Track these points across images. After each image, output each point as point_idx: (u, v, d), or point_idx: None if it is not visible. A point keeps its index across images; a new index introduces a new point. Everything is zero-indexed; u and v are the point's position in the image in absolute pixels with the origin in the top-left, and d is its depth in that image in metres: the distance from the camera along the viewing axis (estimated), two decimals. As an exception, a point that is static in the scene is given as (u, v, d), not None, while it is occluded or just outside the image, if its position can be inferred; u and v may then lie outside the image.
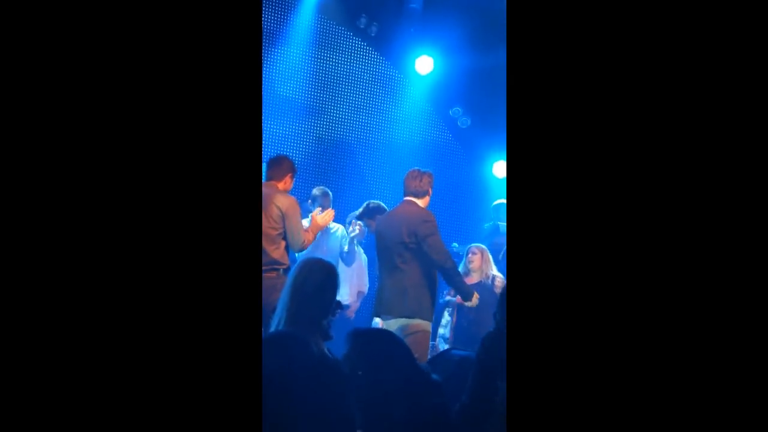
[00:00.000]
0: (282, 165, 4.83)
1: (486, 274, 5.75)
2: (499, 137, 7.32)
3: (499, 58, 6.90)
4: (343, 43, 7.57)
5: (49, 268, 1.89)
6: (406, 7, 7.22)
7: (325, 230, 5.58)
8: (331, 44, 7.51)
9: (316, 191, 5.98)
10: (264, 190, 4.67)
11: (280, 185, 4.76)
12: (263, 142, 6.68)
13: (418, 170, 4.89)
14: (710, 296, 1.87)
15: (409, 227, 4.58)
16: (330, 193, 5.97)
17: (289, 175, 4.82)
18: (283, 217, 4.59)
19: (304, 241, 4.65)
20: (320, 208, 5.15)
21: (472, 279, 5.68)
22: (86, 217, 1.92)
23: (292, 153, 7.12)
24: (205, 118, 2.01)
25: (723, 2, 1.95)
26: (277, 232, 4.59)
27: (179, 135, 1.99)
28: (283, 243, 4.63)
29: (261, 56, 2.19)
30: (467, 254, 5.90)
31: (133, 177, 1.95)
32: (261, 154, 2.16)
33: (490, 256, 5.91)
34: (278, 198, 4.63)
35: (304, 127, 7.36)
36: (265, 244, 4.52)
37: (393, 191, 6.15)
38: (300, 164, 7.11)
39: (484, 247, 5.99)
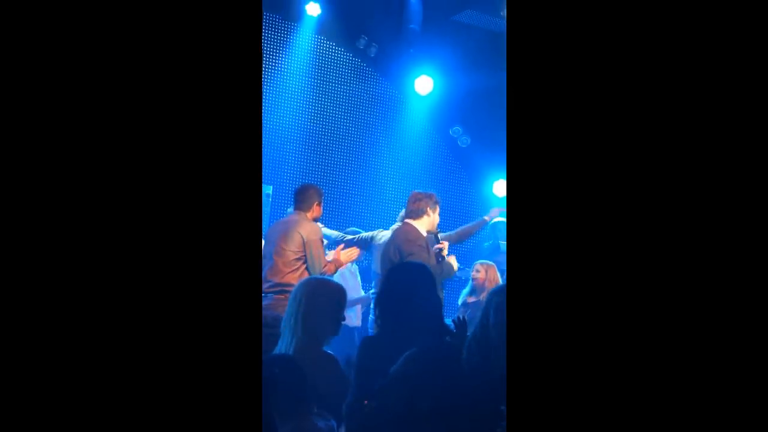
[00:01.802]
0: (308, 193, 4.94)
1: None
2: (500, 156, 7.33)
3: (498, 77, 6.93)
4: (342, 64, 7.61)
5: (46, 272, 1.89)
6: (406, 27, 7.27)
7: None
8: (330, 65, 7.55)
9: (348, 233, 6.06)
10: (292, 217, 4.91)
11: (309, 215, 4.88)
12: (264, 164, 6.71)
13: (418, 193, 5.02)
14: (710, 298, 1.87)
15: (395, 246, 4.81)
16: (361, 232, 6.03)
17: (317, 202, 4.93)
18: (305, 244, 4.69)
19: (324, 272, 4.73)
20: (343, 245, 5.27)
21: (477, 298, 5.65)
22: (86, 222, 1.93)
23: (292, 174, 7.14)
24: (204, 141, 2.01)
25: (723, 2, 1.95)
26: (296, 257, 4.71)
27: (178, 158, 1.99)
28: (302, 268, 4.73)
29: (261, 79, 2.20)
30: (471, 271, 5.89)
31: (135, 188, 1.95)
32: (261, 173, 2.16)
33: (498, 274, 5.85)
34: (303, 225, 4.78)
35: (305, 148, 7.38)
36: (282, 266, 4.68)
37: (394, 211, 6.15)
38: (298, 185, 7.13)
39: (490, 263, 5.94)
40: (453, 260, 4.95)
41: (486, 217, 5.84)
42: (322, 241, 4.89)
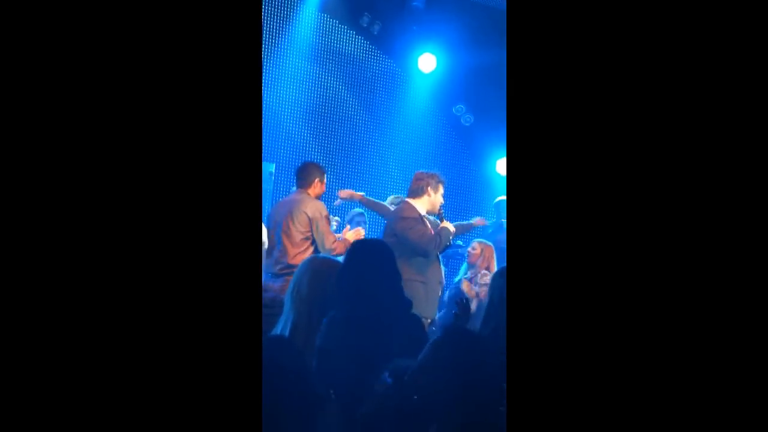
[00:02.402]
0: (308, 171, 4.95)
1: (487, 270, 5.64)
2: (503, 135, 7.29)
3: (501, 55, 6.87)
4: (345, 42, 7.57)
5: (45, 272, 1.89)
6: (409, 5, 7.23)
7: None
8: (333, 43, 7.51)
9: (354, 213, 6.06)
10: (295, 196, 4.88)
11: (311, 191, 4.89)
12: (267, 142, 6.71)
13: (421, 172, 5.01)
14: (710, 296, 1.87)
15: (390, 226, 4.85)
16: (365, 214, 6.04)
17: (317, 179, 4.93)
18: (311, 222, 4.70)
19: (333, 249, 4.74)
20: (348, 226, 5.33)
21: (471, 275, 5.66)
22: (86, 221, 1.93)
23: (295, 152, 7.13)
24: (203, 118, 2.00)
25: (723, 2, 1.95)
26: (303, 236, 4.72)
27: (177, 136, 1.99)
28: (311, 248, 4.74)
29: (261, 55, 2.19)
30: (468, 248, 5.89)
31: (135, 182, 1.95)
32: (261, 154, 2.16)
33: (493, 253, 5.85)
34: (307, 204, 4.77)
35: (308, 126, 7.37)
36: (290, 247, 4.68)
37: (397, 190, 6.16)
38: (304, 161, 7.12)
39: (487, 243, 5.94)
40: (448, 224, 4.95)
41: (473, 222, 5.83)
42: (329, 219, 4.89)
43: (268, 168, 6.65)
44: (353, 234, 4.97)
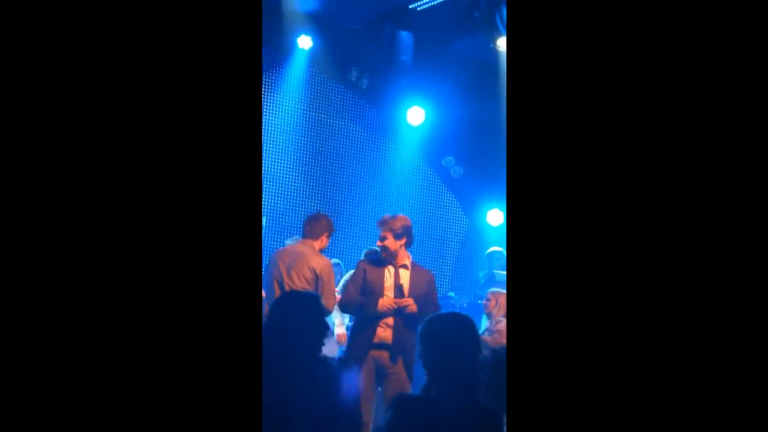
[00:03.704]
0: (320, 222, 4.81)
1: (503, 318, 5.57)
2: (492, 186, 7.40)
3: (490, 107, 7.00)
4: (334, 96, 7.66)
5: (44, 272, 1.88)
6: (397, 59, 7.33)
7: None
8: (322, 97, 7.59)
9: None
10: (299, 247, 4.74)
11: (316, 244, 4.76)
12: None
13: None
14: (708, 305, 1.87)
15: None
16: (341, 264, 6.00)
17: (326, 233, 4.81)
18: (317, 279, 4.59)
19: (332, 308, 4.69)
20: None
21: (489, 325, 5.59)
22: (88, 226, 1.93)
23: (287, 202, 7.12)
24: (205, 171, 2.03)
25: (722, 3, 1.97)
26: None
27: (181, 184, 1.99)
28: None
29: (261, 107, 2.22)
30: (483, 300, 5.84)
31: (141, 216, 1.96)
32: (261, 205, 2.16)
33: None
34: (314, 258, 4.64)
35: (298, 179, 7.38)
36: None
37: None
38: (295, 215, 7.12)
39: (500, 291, 5.89)
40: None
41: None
42: (334, 276, 4.77)
43: (261, 219, 6.63)
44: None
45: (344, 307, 4.53)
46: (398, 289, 4.36)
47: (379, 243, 4.41)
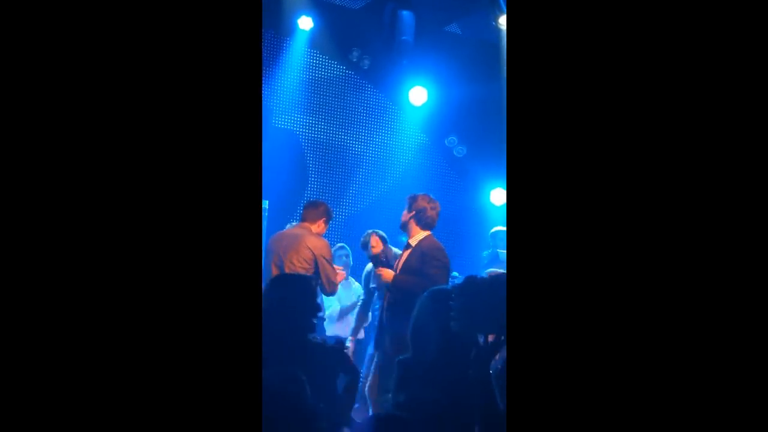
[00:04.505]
0: (318, 209, 4.95)
1: None
2: (496, 165, 7.37)
3: (492, 86, 6.96)
4: (336, 77, 7.63)
5: (44, 271, 1.88)
6: (398, 39, 7.29)
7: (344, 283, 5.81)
8: (324, 78, 7.56)
9: (336, 247, 6.14)
10: (297, 230, 4.87)
11: (314, 228, 4.87)
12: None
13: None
14: (708, 306, 1.86)
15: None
16: (347, 247, 6.12)
17: (323, 219, 4.93)
18: (315, 258, 4.68)
19: (336, 285, 4.78)
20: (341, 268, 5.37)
21: None
22: (85, 217, 1.93)
23: (288, 185, 7.13)
24: (205, 152, 2.02)
25: (722, 3, 1.95)
26: (305, 272, 4.67)
27: (179, 167, 2.00)
28: None
29: (261, 90, 2.22)
30: None
31: (136, 201, 1.96)
32: (261, 190, 2.17)
33: None
34: (311, 239, 4.75)
35: (300, 161, 7.38)
36: None
37: (390, 222, 6.13)
38: (296, 198, 7.12)
39: (496, 271, 5.90)
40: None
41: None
42: (331, 256, 4.89)
43: (261, 204, 6.64)
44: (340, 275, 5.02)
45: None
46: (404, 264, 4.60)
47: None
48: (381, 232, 5.18)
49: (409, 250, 4.60)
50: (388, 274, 4.52)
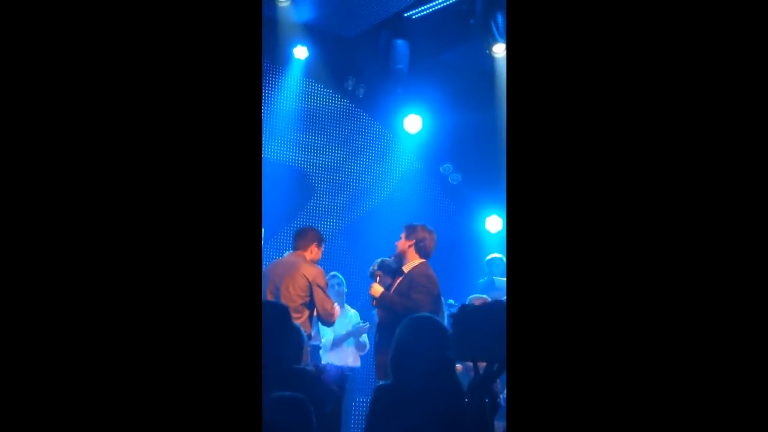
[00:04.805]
0: (307, 235, 5.00)
1: None
2: (491, 192, 7.39)
3: (487, 114, 7.00)
4: (331, 105, 7.66)
5: (43, 272, 1.89)
6: (393, 68, 7.34)
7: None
8: (319, 107, 7.60)
9: (330, 276, 6.08)
10: (291, 258, 4.92)
11: (307, 255, 4.91)
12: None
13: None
14: (708, 304, 1.86)
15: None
16: (339, 276, 6.09)
17: (315, 244, 4.97)
18: (310, 286, 4.70)
19: (332, 313, 4.76)
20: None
21: None
22: (87, 234, 1.94)
23: (284, 213, 7.12)
24: (206, 180, 2.04)
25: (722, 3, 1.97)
26: (302, 301, 4.71)
27: (182, 192, 2.00)
28: (307, 312, 4.73)
29: (261, 119, 2.24)
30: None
31: (144, 227, 1.97)
32: (260, 217, 2.18)
33: None
34: (306, 268, 4.79)
35: (295, 188, 7.38)
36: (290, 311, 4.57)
37: (386, 249, 6.12)
38: (292, 226, 7.11)
39: (481, 297, 5.88)
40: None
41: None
42: (326, 284, 4.91)
43: (261, 229, 6.63)
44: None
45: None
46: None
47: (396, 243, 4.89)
48: (389, 260, 5.21)
49: (401, 277, 4.77)
50: (377, 290, 4.71)
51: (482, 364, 2.42)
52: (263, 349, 2.57)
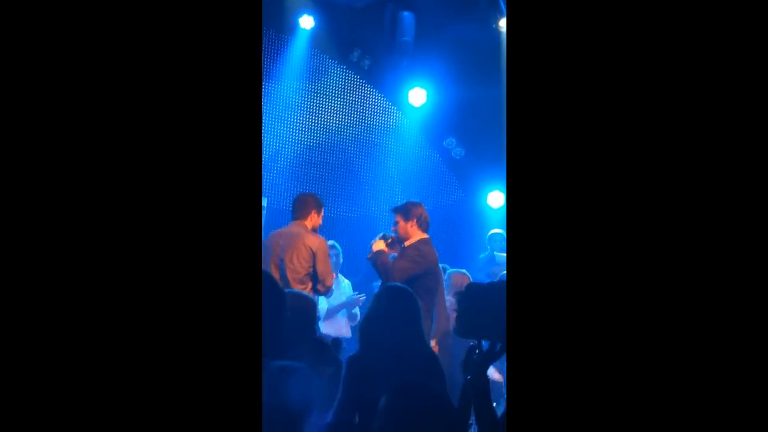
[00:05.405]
0: (306, 202, 4.94)
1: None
2: (494, 167, 7.39)
3: (491, 89, 6.98)
4: (336, 76, 7.63)
5: (43, 272, 1.89)
6: (399, 40, 7.30)
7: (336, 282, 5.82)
8: (324, 77, 7.57)
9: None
10: (293, 229, 4.85)
11: (308, 223, 4.87)
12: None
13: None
14: (708, 305, 1.87)
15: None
16: (337, 246, 6.06)
17: (314, 211, 4.92)
18: (314, 256, 4.70)
19: (329, 288, 4.79)
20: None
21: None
22: (83, 218, 1.93)
23: (287, 184, 7.13)
24: (204, 153, 2.02)
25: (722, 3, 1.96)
26: (306, 272, 4.71)
27: (179, 168, 2.00)
28: (311, 283, 4.75)
29: (261, 90, 2.22)
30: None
31: (137, 200, 1.96)
32: (261, 188, 2.16)
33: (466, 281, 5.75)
34: (309, 238, 4.77)
35: (299, 159, 7.38)
36: (293, 283, 4.65)
37: (388, 222, 6.16)
38: (294, 196, 7.13)
39: (460, 272, 5.88)
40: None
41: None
42: (329, 254, 4.90)
43: (261, 203, 6.65)
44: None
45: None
46: None
47: (393, 228, 4.91)
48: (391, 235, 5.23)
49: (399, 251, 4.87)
50: (379, 245, 4.79)
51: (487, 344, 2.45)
52: (265, 319, 2.60)
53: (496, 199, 7.76)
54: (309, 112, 7.45)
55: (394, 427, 2.08)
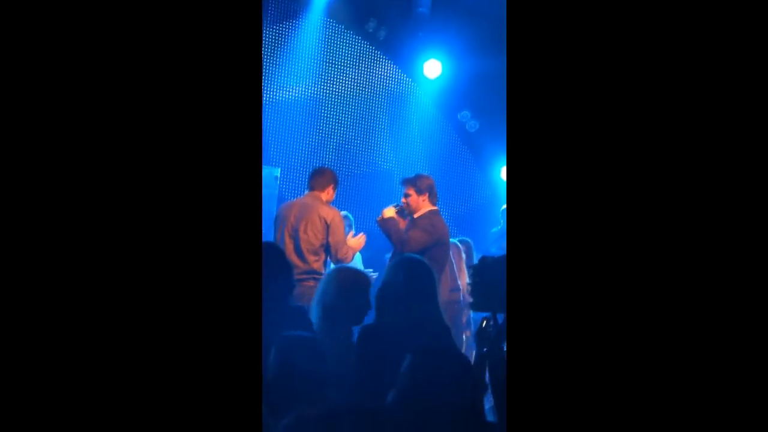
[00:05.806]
0: (324, 175, 4.94)
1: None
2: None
3: (505, 62, 6.91)
4: (351, 47, 7.59)
5: (43, 272, 1.89)
6: (415, 11, 7.24)
7: None
8: (339, 48, 7.53)
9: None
10: (307, 200, 4.86)
11: (323, 195, 4.87)
12: (270, 146, 6.72)
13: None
14: (708, 301, 1.87)
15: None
16: (350, 217, 6.05)
17: (331, 185, 4.92)
18: (328, 228, 4.69)
19: (346, 255, 4.76)
20: (352, 232, 5.33)
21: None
22: (86, 222, 1.93)
23: (299, 155, 7.14)
24: (204, 121, 2.01)
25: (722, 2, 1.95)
26: (320, 243, 4.71)
27: (177, 136, 1.99)
28: (323, 254, 4.75)
29: (261, 55, 2.20)
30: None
31: (135, 181, 1.96)
32: (261, 156, 2.16)
33: (464, 257, 5.75)
34: (323, 209, 4.76)
35: (313, 131, 7.38)
36: (307, 254, 4.66)
37: (400, 194, 6.16)
38: (307, 167, 7.13)
39: (462, 244, 5.86)
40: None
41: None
42: (343, 225, 4.89)
43: (273, 173, 6.65)
44: (356, 241, 4.99)
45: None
46: None
47: (404, 200, 4.91)
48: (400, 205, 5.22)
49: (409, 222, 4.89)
50: (389, 212, 4.81)
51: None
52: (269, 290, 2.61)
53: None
54: (323, 82, 7.42)
55: (419, 386, 2.09)
